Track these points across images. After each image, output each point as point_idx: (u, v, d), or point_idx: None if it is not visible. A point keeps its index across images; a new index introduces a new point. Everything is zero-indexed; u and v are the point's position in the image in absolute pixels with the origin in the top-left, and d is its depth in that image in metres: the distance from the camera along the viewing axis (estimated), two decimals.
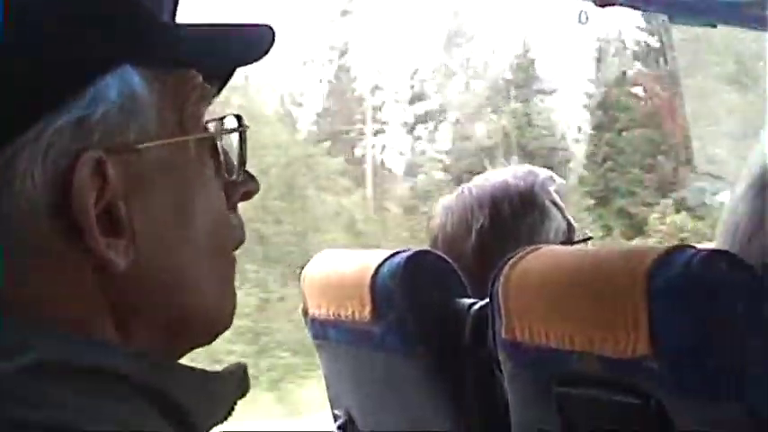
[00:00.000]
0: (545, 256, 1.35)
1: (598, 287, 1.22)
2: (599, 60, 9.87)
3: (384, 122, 9.77)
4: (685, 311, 1.12)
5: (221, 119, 0.83)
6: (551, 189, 2.01)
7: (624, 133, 9.61)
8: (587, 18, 2.10)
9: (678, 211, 10.61)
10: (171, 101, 0.76)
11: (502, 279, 1.37)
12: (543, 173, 2.04)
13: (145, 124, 0.74)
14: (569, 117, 9.63)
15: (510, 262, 1.38)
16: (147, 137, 0.74)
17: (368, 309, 1.68)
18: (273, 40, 0.84)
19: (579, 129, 9.56)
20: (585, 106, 9.85)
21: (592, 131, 9.76)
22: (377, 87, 9.63)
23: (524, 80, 9.75)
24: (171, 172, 0.76)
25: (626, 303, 1.16)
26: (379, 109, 9.71)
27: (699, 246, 1.19)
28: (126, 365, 0.71)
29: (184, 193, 0.77)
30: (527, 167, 2.07)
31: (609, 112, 9.95)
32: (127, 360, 0.72)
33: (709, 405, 1.13)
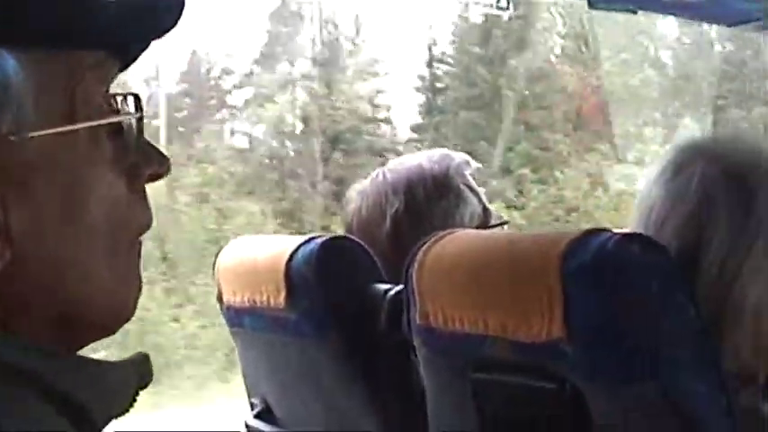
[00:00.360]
0: (459, 240, 1.34)
1: (512, 271, 1.21)
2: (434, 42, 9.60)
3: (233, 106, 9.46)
4: (599, 294, 1.12)
5: (124, 96, 0.79)
6: (467, 173, 1.99)
7: (452, 116, 9.35)
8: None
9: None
10: (56, 85, 0.71)
11: (416, 264, 1.36)
12: (459, 157, 2.02)
13: (20, 113, 0.68)
14: (399, 100, 9.33)
15: (424, 247, 1.36)
16: (23, 127, 0.68)
17: (282, 295, 1.66)
18: (182, 9, 0.78)
19: (408, 112, 9.22)
20: (418, 89, 9.56)
21: (421, 114, 9.45)
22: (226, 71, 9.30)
23: (331, 60, 9.42)
24: (56, 163, 0.71)
25: (540, 287, 1.15)
26: (229, 92, 9.41)
27: (614, 230, 1.18)
28: (12, 357, 0.68)
29: (73, 185, 0.72)
30: (443, 151, 2.05)
31: (439, 94, 9.65)
32: (14, 352, 0.68)
33: (624, 387, 1.13)
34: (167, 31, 0.79)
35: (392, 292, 1.58)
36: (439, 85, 9.68)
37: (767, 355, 1.31)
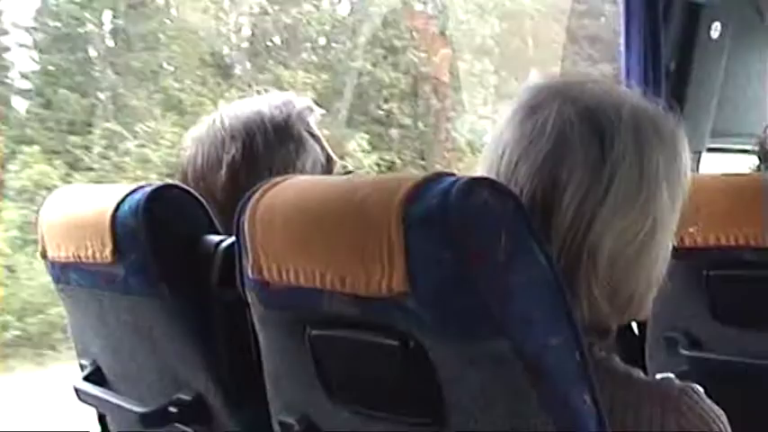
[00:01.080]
0: (294, 186, 1.23)
1: (351, 219, 1.11)
2: None
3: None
4: (443, 244, 1.02)
5: None
6: (309, 119, 1.90)
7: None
8: None
9: None
10: None
11: (247, 212, 1.25)
12: (301, 102, 1.93)
13: None
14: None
15: (256, 194, 1.25)
16: None
17: (108, 249, 1.54)
18: None
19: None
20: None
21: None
22: None
23: None
24: None
25: (380, 237, 1.05)
26: None
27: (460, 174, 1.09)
28: None
29: None
30: (285, 96, 1.95)
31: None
32: None
33: (471, 345, 1.05)
34: None
35: (224, 245, 1.48)
36: None
37: (623, 305, 1.26)
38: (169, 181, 1.71)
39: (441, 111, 8.57)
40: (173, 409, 1.57)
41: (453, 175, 1.07)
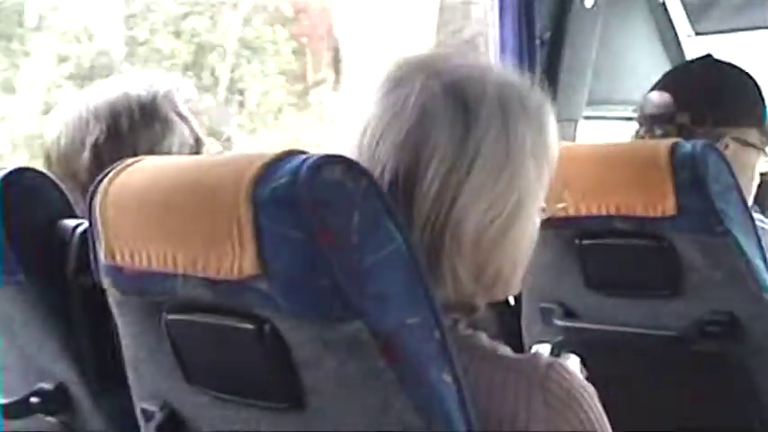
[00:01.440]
0: (148, 167, 1.19)
1: (203, 199, 1.07)
2: None
3: None
4: (295, 224, 0.99)
5: None
6: (177, 100, 1.86)
7: None
8: None
9: None
10: None
11: (99, 195, 1.20)
12: (169, 82, 1.88)
13: None
14: None
15: (109, 175, 1.21)
16: None
17: None
18: None
19: None
20: None
21: None
22: None
23: None
24: None
25: (230, 218, 1.02)
26: None
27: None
28: None
29: None
30: (153, 76, 1.90)
31: None
32: None
33: (327, 328, 1.02)
34: None
35: (81, 229, 1.43)
36: None
37: (489, 282, 1.25)
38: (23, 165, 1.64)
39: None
40: (35, 399, 1.52)
41: (305, 153, 1.04)
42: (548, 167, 1.28)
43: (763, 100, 2.21)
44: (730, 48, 3.10)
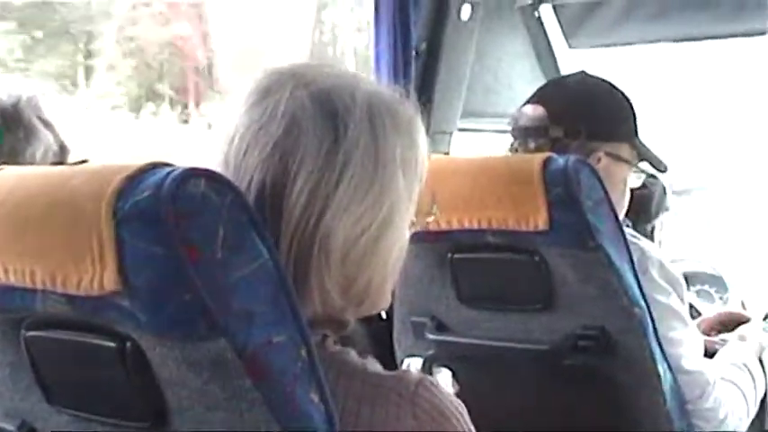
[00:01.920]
0: (5, 177, 1.14)
1: (61, 213, 1.02)
2: None
3: None
4: (158, 239, 0.96)
5: None
6: (41, 105, 1.81)
7: None
8: None
9: None
10: None
11: None
12: (33, 88, 1.83)
13: None
14: None
15: None
16: None
17: None
18: None
19: None
20: None
21: None
22: None
23: None
24: None
25: (90, 232, 0.98)
26: None
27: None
28: None
29: None
30: (16, 81, 1.85)
31: None
32: None
33: (189, 345, 0.99)
34: None
35: None
36: None
37: (358, 296, 1.23)
38: None
39: None
40: None
41: (170, 165, 1.01)
42: (417, 180, 1.27)
43: (634, 115, 2.24)
44: (604, 62, 3.15)
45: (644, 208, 2.82)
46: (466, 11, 2.78)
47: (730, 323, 2.60)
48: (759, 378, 2.23)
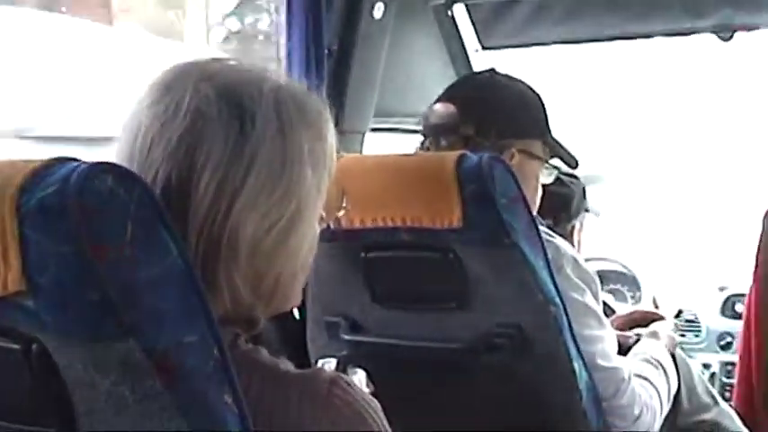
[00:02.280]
0: None
1: None
2: None
3: None
4: (64, 236, 0.93)
5: None
6: None
7: None
8: None
9: None
10: None
11: None
12: None
13: None
14: None
15: None
16: None
17: None
18: None
19: None
20: None
21: None
22: None
23: None
24: None
25: None
26: None
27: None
28: None
29: None
30: None
31: None
32: None
33: (97, 346, 0.96)
34: None
35: None
36: None
37: (268, 293, 1.21)
38: None
39: None
40: None
41: (76, 160, 0.98)
42: (327, 174, 1.26)
43: (546, 113, 2.24)
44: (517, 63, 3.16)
45: (565, 208, 2.84)
46: (379, 9, 2.76)
47: (643, 321, 2.61)
48: (671, 375, 2.25)
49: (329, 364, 1.92)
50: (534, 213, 2.01)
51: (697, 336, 3.67)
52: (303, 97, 1.24)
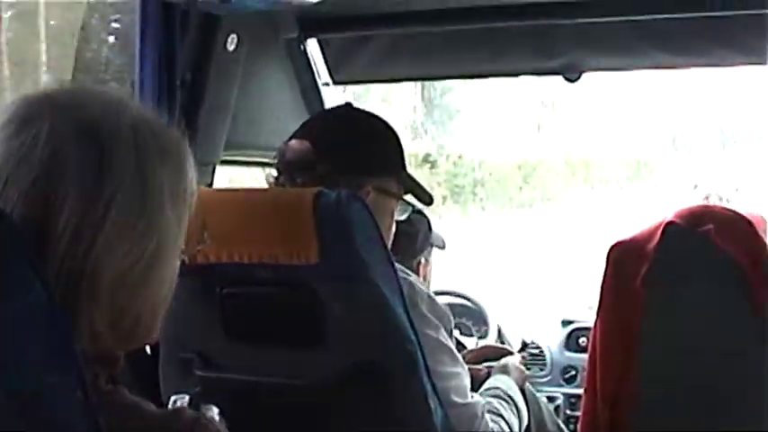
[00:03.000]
0: None
1: None
2: None
3: None
4: None
5: None
6: None
7: None
8: None
9: None
10: None
11: None
12: None
13: None
14: None
15: None
16: None
17: None
18: None
19: None
20: None
21: None
22: None
23: None
24: None
25: None
26: None
27: None
28: None
29: None
30: None
31: None
32: None
33: None
34: None
35: None
36: None
37: (128, 331, 1.19)
38: None
39: None
40: None
41: None
42: (187, 208, 1.24)
43: (401, 148, 2.26)
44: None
45: (410, 243, 2.85)
46: (232, 41, 2.74)
47: (494, 356, 2.65)
48: (522, 410, 2.29)
49: (182, 401, 1.88)
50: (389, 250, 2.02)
51: (542, 369, 3.74)
52: (161, 130, 1.22)
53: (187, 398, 1.90)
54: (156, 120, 1.23)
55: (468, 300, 3.78)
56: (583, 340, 3.75)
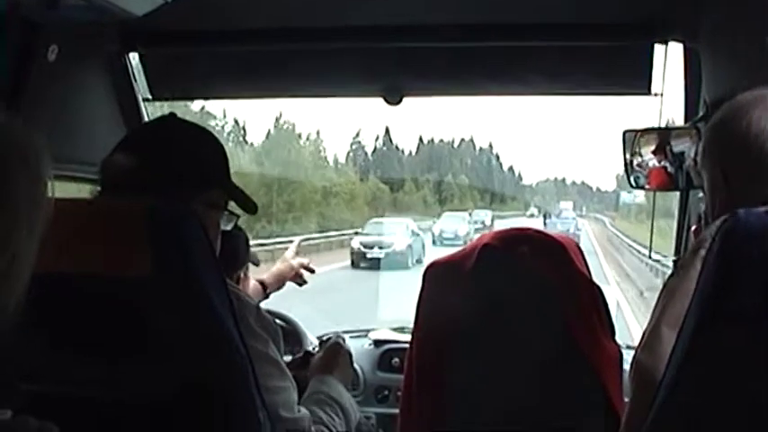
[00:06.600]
0: None
1: None
2: None
3: None
4: None
5: None
6: None
7: None
8: None
9: None
10: None
11: None
12: None
13: None
14: None
15: None
16: None
17: None
18: None
19: None
20: None
21: None
22: None
23: None
24: None
25: None
26: None
27: None
28: None
29: None
30: None
31: None
32: None
33: None
34: None
35: None
36: None
37: None
38: None
39: None
40: None
41: None
42: (43, 220, 1.22)
43: (226, 158, 2.25)
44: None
45: (233, 256, 2.85)
46: (53, 52, 2.70)
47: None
48: (348, 408, 2.33)
49: (3, 416, 1.83)
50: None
51: (355, 389, 3.76)
52: (22, 139, 1.20)
53: (9, 412, 1.85)
54: (18, 129, 1.21)
55: (284, 319, 3.78)
56: (396, 360, 3.80)
